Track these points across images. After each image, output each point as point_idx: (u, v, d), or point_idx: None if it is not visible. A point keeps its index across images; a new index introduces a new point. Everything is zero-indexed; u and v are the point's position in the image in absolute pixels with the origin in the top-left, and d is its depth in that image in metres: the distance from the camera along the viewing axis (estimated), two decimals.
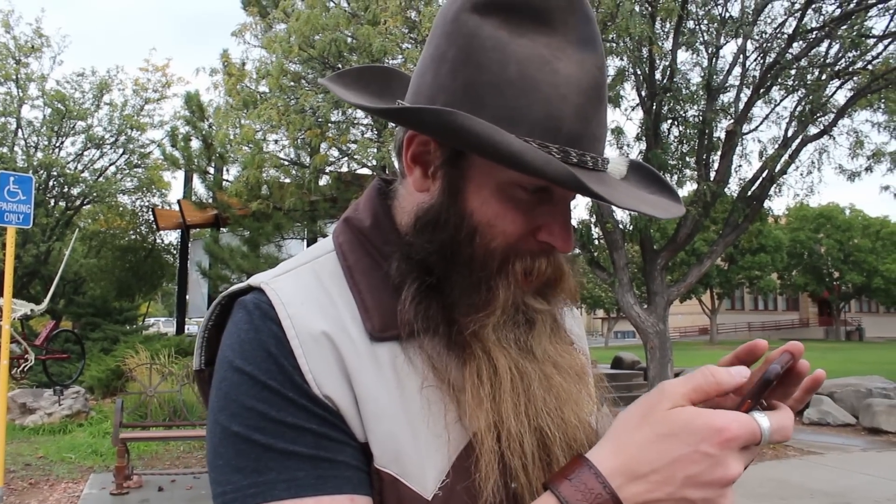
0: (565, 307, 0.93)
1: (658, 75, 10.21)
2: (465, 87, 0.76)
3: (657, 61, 9.99)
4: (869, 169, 11.31)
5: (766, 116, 11.19)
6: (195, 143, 13.91)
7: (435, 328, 0.80)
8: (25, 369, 12.31)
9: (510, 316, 0.82)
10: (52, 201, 20.88)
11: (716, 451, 0.67)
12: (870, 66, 10.22)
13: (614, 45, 8.63)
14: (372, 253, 0.86)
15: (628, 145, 11.29)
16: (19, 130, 20.27)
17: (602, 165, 0.81)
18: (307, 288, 0.83)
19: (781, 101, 11.10)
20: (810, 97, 10.07)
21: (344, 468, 0.75)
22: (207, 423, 0.80)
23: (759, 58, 10.55)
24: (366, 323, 0.80)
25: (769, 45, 10.35)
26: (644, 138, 10.61)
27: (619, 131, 10.81)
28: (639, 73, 10.03)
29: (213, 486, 0.76)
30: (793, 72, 10.33)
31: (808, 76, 10.41)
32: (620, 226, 10.51)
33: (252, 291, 0.83)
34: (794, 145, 10.50)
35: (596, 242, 11.19)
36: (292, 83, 10.26)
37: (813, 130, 10.68)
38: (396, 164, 0.90)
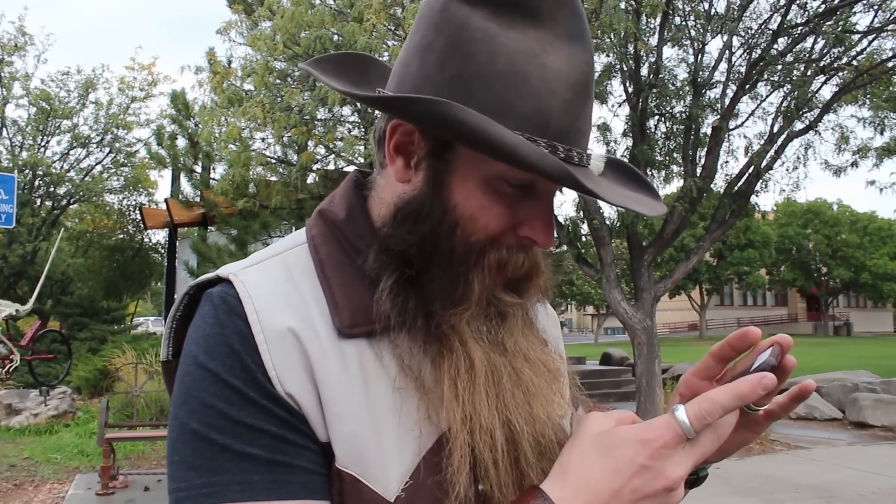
0: (538, 304, 0.93)
1: (644, 71, 10.21)
2: (453, 79, 0.75)
3: (643, 57, 9.99)
4: (854, 164, 11.36)
5: (752, 112, 11.21)
6: (181, 142, 13.84)
7: (412, 321, 0.79)
8: (11, 370, 12.20)
9: (482, 309, 0.82)
10: (39, 201, 20.77)
11: (650, 462, 0.69)
12: (854, 62, 10.26)
13: (599, 40, 8.62)
14: (345, 247, 0.85)
15: (615, 142, 11.30)
16: (4, 129, 20.15)
17: (586, 161, 0.80)
18: (276, 281, 0.82)
19: (767, 96, 11.13)
20: (796, 93, 10.09)
21: (300, 473, 0.74)
22: (169, 416, 0.79)
23: (744, 53, 10.56)
24: (334, 319, 0.79)
25: (754, 40, 10.37)
26: (630, 135, 10.61)
27: (605, 127, 10.81)
28: (625, 69, 10.03)
29: (169, 482, 0.75)
30: (778, 67, 10.35)
31: (794, 72, 10.43)
32: (607, 222, 10.51)
33: (220, 283, 0.81)
34: (779, 141, 10.52)
35: (583, 239, 11.18)
36: (278, 81, 10.22)
37: (798, 126, 10.69)
38: (376, 154, 0.89)
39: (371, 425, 0.77)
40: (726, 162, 11.31)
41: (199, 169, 14.25)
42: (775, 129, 10.59)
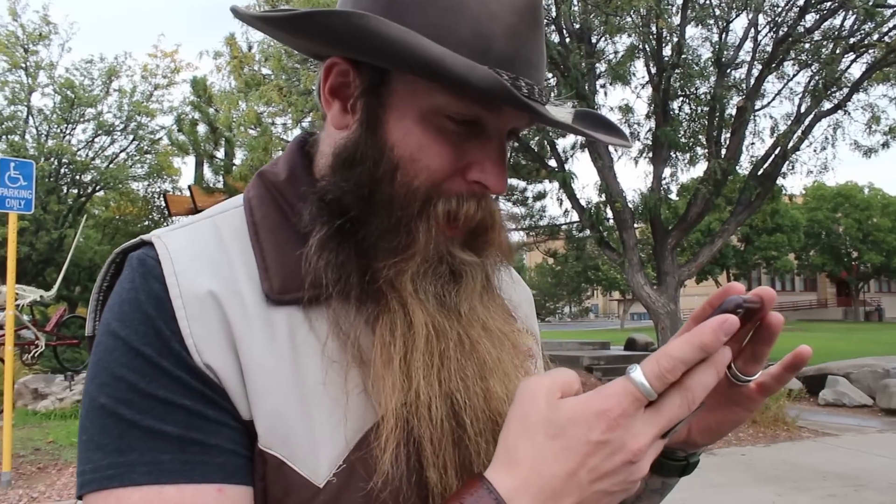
0: (502, 270, 0.84)
1: (667, 51, 10.02)
2: (386, 7, 0.70)
3: (666, 37, 9.79)
4: (886, 145, 11.07)
5: (779, 92, 10.98)
6: (202, 128, 13.87)
7: (346, 278, 0.72)
8: (36, 355, 12.38)
9: (432, 266, 0.74)
10: (65, 188, 21.02)
11: (606, 437, 0.59)
12: (886, 39, 9.96)
13: (619, 19, 8.45)
14: (283, 208, 0.78)
15: (638, 124, 11.14)
16: (30, 118, 20.38)
17: (539, 96, 0.73)
18: (202, 243, 0.74)
19: (794, 76, 10.88)
20: (824, 71, 9.84)
21: (216, 453, 0.66)
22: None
23: (770, 31, 10.33)
24: (264, 283, 0.72)
25: (781, 17, 10.12)
26: (653, 116, 10.44)
27: (628, 109, 10.65)
28: (647, 49, 9.84)
29: (77, 465, 0.68)
30: (806, 45, 10.10)
31: (822, 50, 10.16)
32: (630, 205, 10.37)
33: (144, 246, 0.75)
34: (807, 121, 10.29)
35: (605, 222, 11.05)
36: (296, 65, 10.17)
37: (827, 106, 10.45)
38: (320, 108, 0.82)
39: (299, 401, 0.69)
40: (752, 143, 11.11)
41: (220, 155, 14.28)
42: (802, 109, 10.35)
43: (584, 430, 0.59)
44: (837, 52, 9.97)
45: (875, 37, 9.97)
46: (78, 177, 21.19)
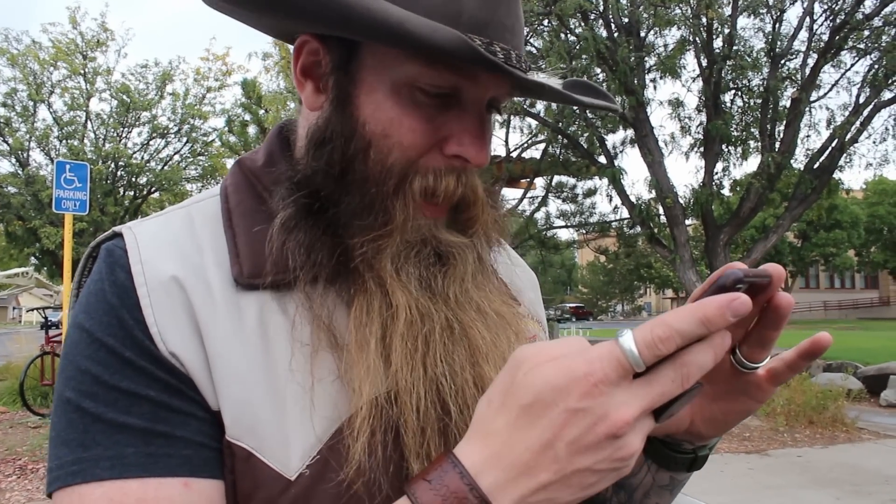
0: (494, 245, 0.81)
1: (719, 42, 9.83)
2: None
3: (716, 27, 9.61)
4: None
5: (836, 82, 10.73)
6: (252, 129, 14.09)
7: (314, 259, 0.69)
8: None
9: (414, 248, 0.71)
10: (121, 190, 21.55)
11: (587, 403, 0.52)
12: None
13: (667, 10, 8.31)
14: (261, 194, 0.77)
15: (689, 117, 10.96)
16: (88, 123, 20.96)
17: (518, 63, 0.69)
18: (173, 231, 0.74)
19: (852, 65, 10.62)
20: (885, 59, 9.54)
21: (182, 446, 0.65)
22: None
23: (827, 20, 10.05)
24: (234, 268, 0.70)
25: (838, 4, 9.83)
26: (704, 109, 10.26)
27: (678, 103, 10.48)
28: (697, 41, 9.68)
29: (47, 462, 0.67)
30: (865, 32, 9.81)
31: (883, 36, 9.85)
32: (681, 201, 10.20)
33: (116, 237, 0.74)
34: (866, 112, 10.02)
35: (656, 219, 10.90)
36: None
37: (887, 95, 10.15)
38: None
39: (268, 389, 0.67)
40: (807, 136, 10.93)
41: None
42: (861, 100, 10.10)
43: (561, 397, 0.53)
44: None
45: None
46: (134, 179, 21.69)
